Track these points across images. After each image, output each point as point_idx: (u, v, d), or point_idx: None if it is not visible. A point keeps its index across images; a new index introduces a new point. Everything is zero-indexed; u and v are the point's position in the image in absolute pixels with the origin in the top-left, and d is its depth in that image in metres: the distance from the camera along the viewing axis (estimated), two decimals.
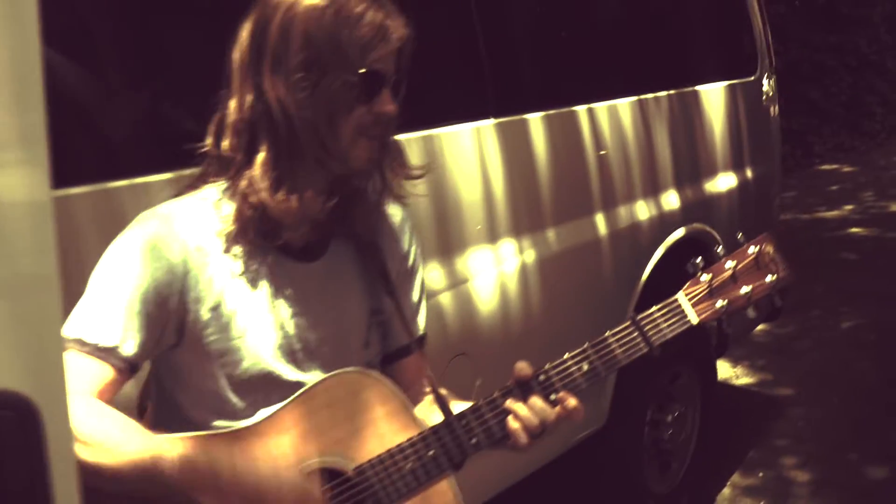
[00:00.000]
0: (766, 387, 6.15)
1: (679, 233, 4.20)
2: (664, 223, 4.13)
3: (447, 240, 3.05)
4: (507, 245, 3.29)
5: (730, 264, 1.96)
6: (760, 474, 5.01)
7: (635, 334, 1.91)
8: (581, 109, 3.68)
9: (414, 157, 2.88)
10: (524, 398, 1.86)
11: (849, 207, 11.14)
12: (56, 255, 1.01)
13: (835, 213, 10.89)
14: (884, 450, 5.15)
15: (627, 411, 4.01)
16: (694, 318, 1.93)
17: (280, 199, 1.74)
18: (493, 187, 3.22)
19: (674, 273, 3.98)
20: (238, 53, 1.78)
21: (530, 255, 3.37)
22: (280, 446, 1.76)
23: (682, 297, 1.95)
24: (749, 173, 4.93)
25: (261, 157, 1.75)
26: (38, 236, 1.00)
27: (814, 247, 9.05)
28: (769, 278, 1.96)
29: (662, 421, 4.37)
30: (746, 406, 5.84)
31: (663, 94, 4.21)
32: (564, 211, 3.58)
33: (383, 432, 1.83)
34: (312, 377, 1.84)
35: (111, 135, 2.30)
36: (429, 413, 1.95)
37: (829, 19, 15.28)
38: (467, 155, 3.12)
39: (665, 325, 1.92)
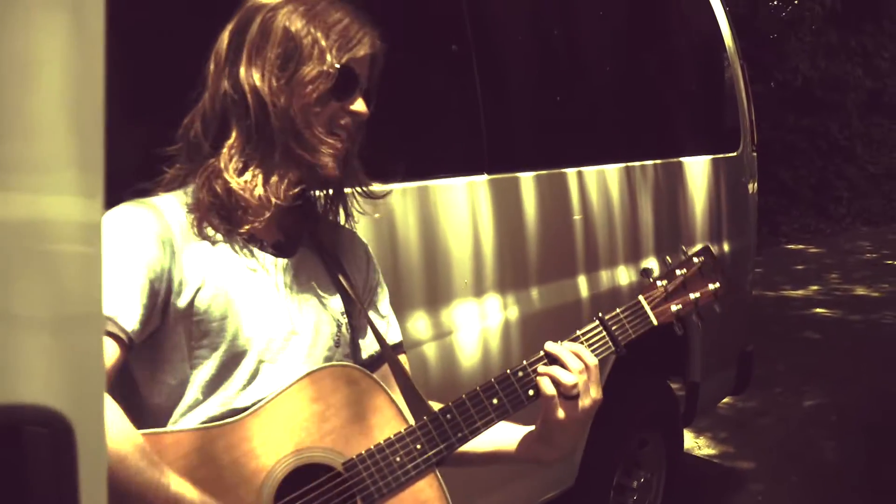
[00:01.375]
0: (727, 459, 6.18)
1: None
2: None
3: (434, 290, 3.08)
4: (492, 300, 3.32)
5: (680, 272, 2.07)
6: None
7: (603, 334, 1.97)
8: (570, 172, 3.73)
9: (409, 206, 2.95)
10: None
11: (814, 288, 11.27)
12: (100, 272, 1.02)
13: (800, 292, 11.01)
14: None
15: (596, 472, 4.02)
16: (654, 320, 2.03)
17: (244, 181, 1.79)
18: (482, 242, 3.25)
19: (650, 342, 4.07)
20: (215, 52, 1.86)
21: (514, 312, 3.40)
22: (263, 443, 1.76)
23: (642, 300, 2.04)
24: (726, 246, 5.00)
25: (229, 142, 1.80)
26: (85, 255, 1.01)
27: (779, 324, 9.14)
28: (711, 286, 2.09)
29: (628, 486, 4.38)
30: (707, 477, 5.86)
31: (649, 163, 4.28)
32: (549, 271, 3.61)
33: (371, 426, 1.84)
34: (289, 367, 1.85)
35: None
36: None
37: (802, 102, 15.55)
38: (460, 208, 3.15)
39: (629, 325, 1.99)
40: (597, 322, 1.98)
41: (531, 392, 1.91)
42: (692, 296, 2.06)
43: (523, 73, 3.75)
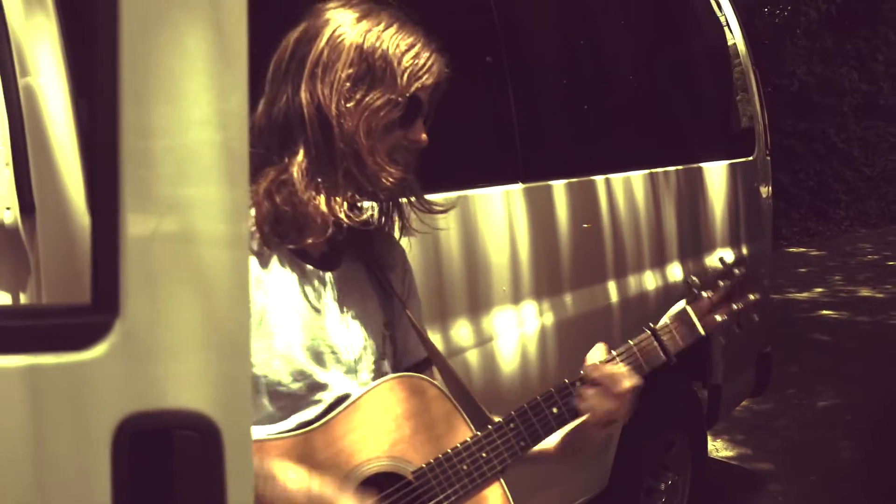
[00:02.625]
0: (745, 461, 6.23)
1: (681, 304, 4.28)
2: (668, 294, 4.22)
3: (475, 298, 3.13)
4: (529, 306, 3.37)
5: (723, 283, 2.10)
6: None
7: (655, 344, 2.03)
8: (599, 179, 3.79)
9: (450, 215, 2.99)
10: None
11: (819, 290, 11.34)
12: (248, 281, 1.07)
13: (805, 294, 11.07)
14: None
15: (626, 476, 4.07)
16: (701, 330, 2.06)
17: (308, 197, 1.76)
18: (518, 249, 3.30)
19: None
20: (277, 59, 1.83)
21: (549, 318, 3.45)
22: (338, 452, 1.79)
23: (689, 310, 2.08)
24: (745, 249, 5.05)
25: (297, 158, 1.77)
26: (233, 263, 1.06)
27: (787, 326, 9.19)
28: (752, 297, 2.11)
29: (656, 488, 4.43)
30: (727, 478, 5.90)
31: (671, 169, 4.33)
32: (580, 277, 3.67)
33: (438, 434, 1.87)
34: (340, 381, 1.86)
35: None
36: None
37: (800, 106, 15.63)
38: (497, 216, 3.21)
39: (678, 334, 2.05)
40: (648, 332, 2.03)
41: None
42: (734, 306, 2.09)
43: (552, 85, 3.81)
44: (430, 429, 1.87)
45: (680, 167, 4.40)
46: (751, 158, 5.17)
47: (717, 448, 6.36)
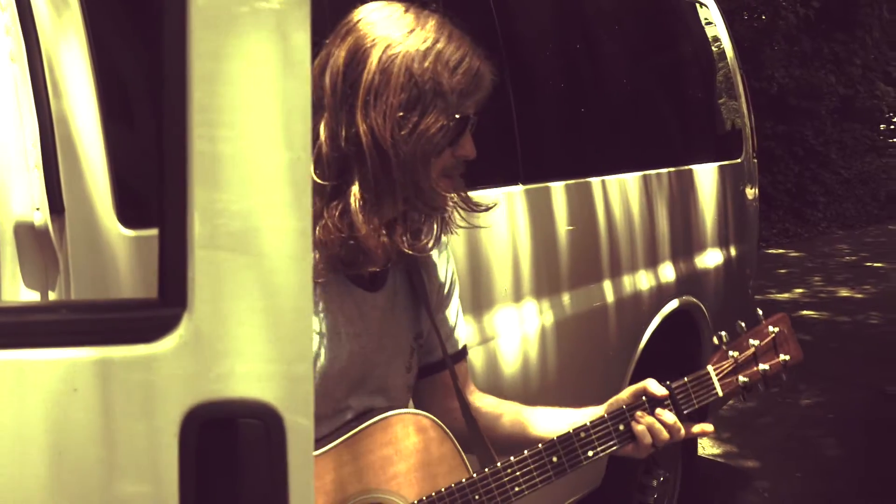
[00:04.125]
0: (732, 458, 6.31)
1: (673, 304, 4.37)
2: (661, 294, 4.29)
3: (478, 297, 3.18)
4: (530, 306, 3.43)
5: (752, 342, 2.07)
6: None
7: (667, 403, 1.98)
8: (595, 181, 3.85)
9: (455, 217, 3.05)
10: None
11: (799, 291, 11.46)
12: (310, 286, 1.12)
13: (786, 295, 11.18)
14: None
15: (620, 473, 4.13)
16: (719, 392, 2.03)
17: (370, 231, 1.74)
18: (519, 249, 3.37)
19: (667, 342, 4.16)
20: (330, 80, 1.76)
21: (549, 317, 3.51)
22: (333, 480, 1.81)
23: (711, 370, 2.04)
24: (733, 251, 5.13)
25: (355, 188, 1.74)
26: (295, 259, 1.11)
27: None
28: (782, 357, 2.08)
29: (648, 485, 4.49)
30: (714, 476, 5.98)
31: (663, 171, 4.40)
32: (578, 277, 3.73)
33: (435, 473, 1.89)
34: (363, 403, 1.90)
35: None
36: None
37: (778, 109, 15.77)
38: (499, 217, 3.26)
39: (695, 395, 2.01)
40: (665, 392, 1.99)
41: (590, 453, 1.96)
42: (761, 367, 2.05)
43: (549, 90, 3.88)
44: (427, 466, 1.89)
45: (671, 169, 4.48)
46: (739, 161, 5.26)
47: (705, 446, 6.43)
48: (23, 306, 1.11)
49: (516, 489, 1.91)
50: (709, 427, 2.05)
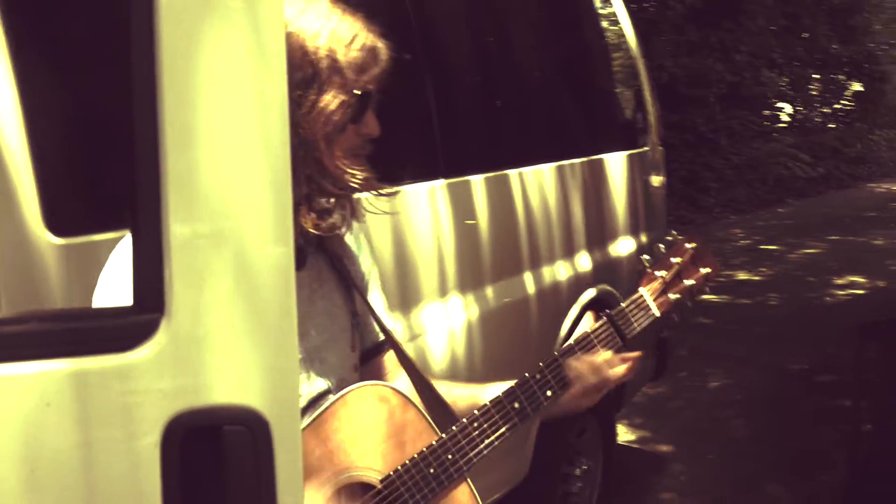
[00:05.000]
0: (646, 444, 6.39)
1: (590, 293, 4.39)
2: (579, 284, 4.32)
3: (405, 294, 3.16)
4: (455, 300, 3.42)
5: (674, 260, 2.14)
6: None
7: (610, 330, 2.06)
8: (512, 173, 3.86)
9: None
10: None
11: None
12: (293, 285, 1.09)
13: None
14: (763, 502, 5.44)
15: (545, 463, 4.15)
16: (656, 312, 2.11)
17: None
18: (443, 244, 3.35)
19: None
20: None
21: (474, 311, 3.50)
22: (307, 467, 1.77)
23: (644, 291, 2.11)
24: (643, 238, 5.19)
25: None
26: (278, 265, 1.07)
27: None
28: (703, 270, 2.16)
29: (572, 475, 4.52)
30: (630, 462, 6.05)
31: (576, 161, 4.43)
32: (500, 269, 3.73)
33: (405, 440, 1.88)
34: (316, 384, 1.88)
35: None
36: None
37: (669, 98, 16.02)
38: (423, 212, 3.24)
39: (634, 319, 2.09)
40: (604, 319, 2.07)
41: (549, 392, 2.00)
42: (687, 283, 2.13)
43: (465, 85, 3.87)
44: (396, 436, 1.88)
45: (584, 159, 4.51)
46: (646, 149, 5.32)
47: (619, 433, 6.50)
48: None
49: (486, 441, 1.93)
50: (634, 355, 2.08)
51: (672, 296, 2.12)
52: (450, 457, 1.90)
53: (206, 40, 1.04)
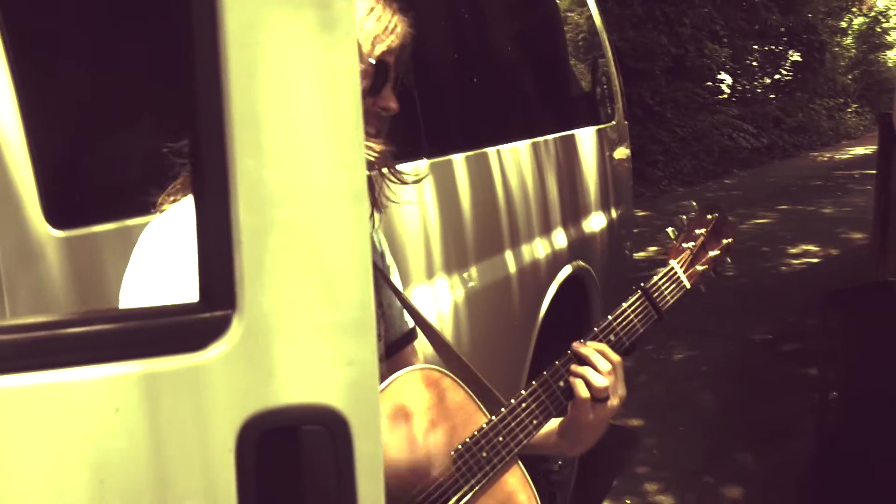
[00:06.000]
0: (617, 419, 6.36)
1: (567, 270, 4.37)
2: (556, 261, 4.29)
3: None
4: (442, 282, 3.37)
5: (699, 231, 2.14)
6: (627, 501, 5.22)
7: (646, 304, 2.05)
8: (491, 151, 3.81)
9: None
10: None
11: (653, 249, 11.71)
12: (370, 274, 1.03)
13: (642, 254, 11.40)
14: (734, 472, 5.47)
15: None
16: (687, 283, 2.11)
17: None
18: (429, 225, 3.30)
19: (562, 308, 4.17)
20: None
21: (460, 293, 3.45)
22: None
23: (675, 264, 2.11)
24: (613, 213, 5.18)
25: None
26: (356, 262, 1.02)
27: (630, 286, 9.46)
28: (725, 241, 2.16)
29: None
30: (604, 439, 6.04)
31: (550, 137, 4.40)
32: (484, 248, 3.69)
33: (456, 424, 1.85)
34: None
35: None
36: None
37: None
38: (408, 193, 3.18)
39: (667, 292, 2.08)
40: (640, 293, 2.06)
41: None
42: (711, 253, 2.13)
43: (444, 64, 3.80)
44: (447, 420, 1.84)
45: (557, 135, 4.48)
46: (614, 123, 5.30)
47: None
48: (46, 321, 0.98)
49: (534, 422, 1.90)
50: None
51: (700, 267, 2.12)
52: (500, 439, 1.87)
53: (271, 17, 0.98)
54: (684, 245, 2.13)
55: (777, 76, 23.36)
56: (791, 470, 5.45)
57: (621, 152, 5.45)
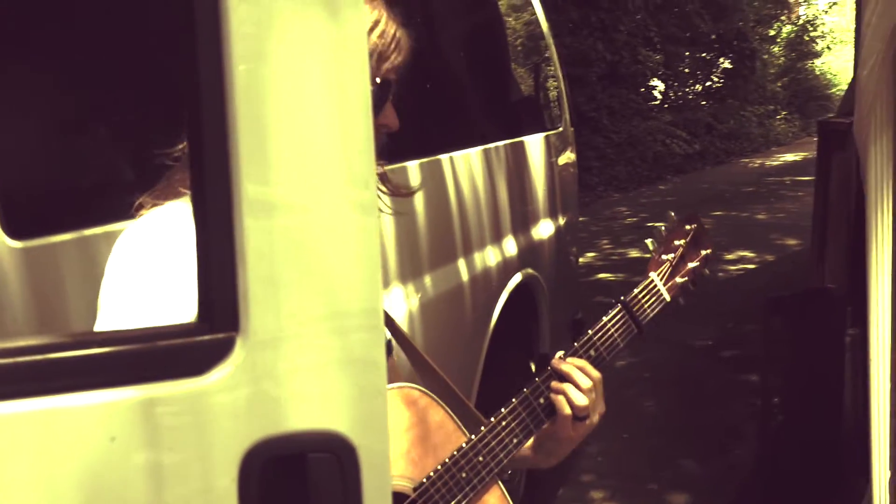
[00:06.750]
0: None
1: (517, 278, 4.34)
2: (507, 269, 4.26)
3: None
4: (397, 291, 3.32)
5: (678, 242, 2.09)
6: None
7: (626, 318, 2.02)
8: (444, 158, 3.77)
9: None
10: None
11: (591, 255, 11.75)
12: (381, 292, 0.98)
13: (580, 260, 11.45)
14: (679, 478, 5.49)
15: None
16: (667, 296, 2.07)
17: None
18: (385, 233, 3.24)
19: (511, 316, 4.14)
20: None
21: (414, 301, 3.41)
22: None
23: (654, 276, 2.07)
24: (561, 220, 5.16)
25: None
26: (365, 271, 0.97)
27: (577, 292, 9.49)
28: (704, 252, 2.12)
29: None
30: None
31: (500, 144, 4.37)
32: (437, 257, 3.64)
33: (435, 444, 1.81)
34: None
35: None
36: None
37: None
38: None
39: (647, 305, 2.04)
40: (620, 307, 2.02)
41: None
42: (690, 265, 2.09)
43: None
44: (426, 440, 1.80)
45: (507, 142, 4.45)
46: (560, 129, 5.29)
47: None
48: (35, 345, 0.92)
49: (515, 440, 1.85)
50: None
51: (679, 279, 2.07)
52: (480, 459, 1.82)
53: (279, 26, 0.93)
54: (663, 257, 2.08)
55: (708, 83, 23.62)
56: (735, 475, 5.48)
57: (567, 158, 5.44)
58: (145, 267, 1.48)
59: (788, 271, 9.77)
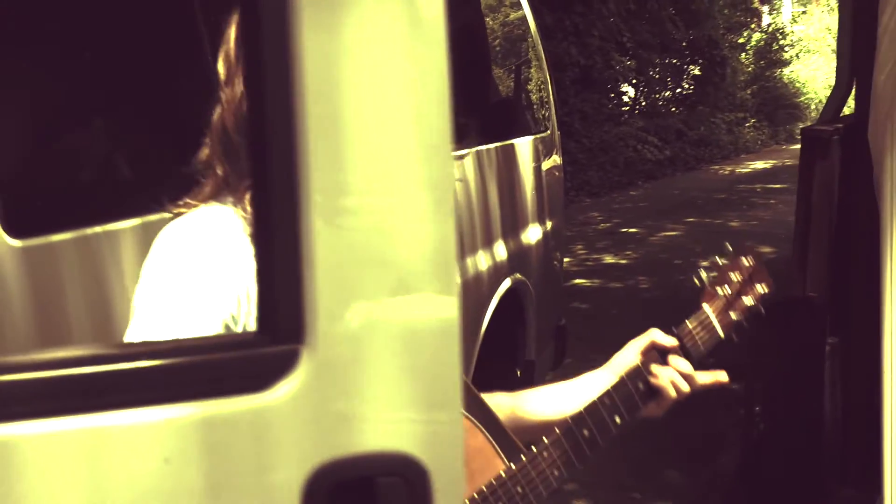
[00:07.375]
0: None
1: (507, 283, 4.27)
2: (497, 274, 4.19)
3: None
4: None
5: (733, 276, 1.99)
6: None
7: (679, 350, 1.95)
8: None
9: None
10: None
11: (567, 260, 11.68)
12: (458, 304, 0.90)
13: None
14: (662, 487, 5.44)
15: None
16: (721, 333, 1.97)
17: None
18: None
19: (500, 322, 4.08)
20: (226, 53, 1.52)
21: None
22: None
23: (708, 310, 1.97)
24: (548, 225, 5.10)
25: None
26: (440, 281, 0.89)
27: (561, 297, 9.45)
28: (760, 289, 2.01)
29: None
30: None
31: (492, 146, 4.30)
32: None
33: (474, 470, 1.72)
34: None
35: None
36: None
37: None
38: None
39: (701, 341, 1.96)
40: (675, 341, 1.95)
41: (617, 419, 1.90)
42: (746, 301, 1.99)
43: None
44: (466, 465, 1.70)
45: (498, 144, 4.38)
46: (548, 133, 5.23)
47: None
48: (81, 356, 0.83)
49: (555, 473, 1.80)
50: (723, 376, 1.97)
51: (734, 315, 1.97)
52: (520, 490, 1.74)
53: (351, 11, 0.85)
54: (719, 290, 1.98)
55: (679, 89, 23.67)
56: (718, 484, 5.44)
57: (554, 162, 5.38)
58: (183, 270, 1.39)
59: None
